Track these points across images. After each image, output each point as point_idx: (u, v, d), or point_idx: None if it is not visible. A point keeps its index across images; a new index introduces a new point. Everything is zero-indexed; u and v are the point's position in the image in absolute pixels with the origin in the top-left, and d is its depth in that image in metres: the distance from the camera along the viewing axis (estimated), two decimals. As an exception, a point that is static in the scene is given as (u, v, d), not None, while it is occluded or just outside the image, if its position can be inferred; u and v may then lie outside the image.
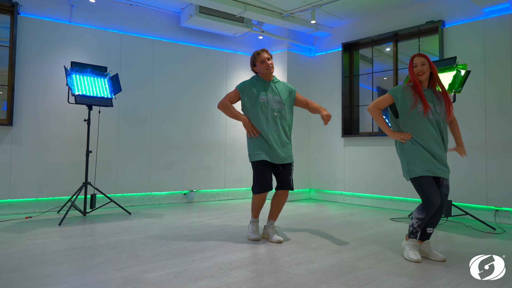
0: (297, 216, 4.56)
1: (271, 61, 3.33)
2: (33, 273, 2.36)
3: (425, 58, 2.79)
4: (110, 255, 2.77)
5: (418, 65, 2.78)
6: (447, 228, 3.88)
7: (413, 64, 2.81)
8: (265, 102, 3.25)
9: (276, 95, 3.31)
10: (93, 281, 2.23)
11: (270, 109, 3.25)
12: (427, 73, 2.79)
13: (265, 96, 3.26)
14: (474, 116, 4.46)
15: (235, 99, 3.33)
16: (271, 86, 3.33)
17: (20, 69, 4.47)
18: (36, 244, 3.07)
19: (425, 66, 2.78)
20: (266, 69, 3.28)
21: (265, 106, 3.24)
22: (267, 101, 3.26)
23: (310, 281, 2.27)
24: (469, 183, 4.45)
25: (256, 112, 3.24)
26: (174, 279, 2.29)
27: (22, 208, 4.44)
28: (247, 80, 3.38)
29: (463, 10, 4.61)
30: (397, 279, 2.34)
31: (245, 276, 2.35)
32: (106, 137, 4.91)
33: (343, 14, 5.52)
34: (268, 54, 3.34)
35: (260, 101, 3.25)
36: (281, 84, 3.42)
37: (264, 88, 3.30)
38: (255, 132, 3.23)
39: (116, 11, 5.13)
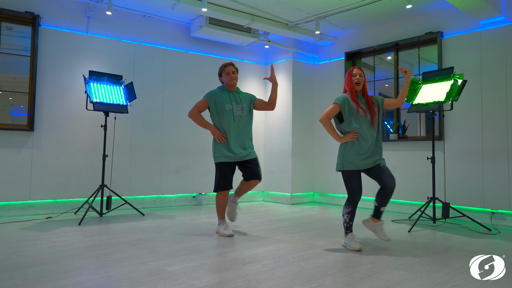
0: (302, 218, 4.79)
1: (235, 74, 3.74)
2: (65, 266, 2.59)
3: (362, 71, 3.32)
4: (132, 251, 3.00)
5: (357, 75, 3.28)
6: (445, 229, 4.10)
7: (352, 74, 3.30)
8: (230, 110, 3.68)
9: (239, 103, 3.72)
10: (121, 273, 2.46)
11: (234, 116, 3.67)
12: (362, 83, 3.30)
13: (230, 104, 3.68)
14: (471, 122, 4.69)
15: (203, 107, 3.75)
16: (235, 96, 3.74)
17: (41, 77, 4.74)
18: (61, 241, 3.31)
19: (362, 77, 3.28)
20: (230, 80, 3.71)
21: (230, 113, 3.67)
22: (232, 109, 3.68)
23: (317, 273, 2.50)
24: (466, 187, 4.67)
25: (222, 118, 3.66)
26: (193, 271, 2.52)
27: (42, 209, 4.69)
28: (214, 90, 3.80)
29: (460, 22, 4.86)
30: (397, 272, 2.56)
31: (258, 269, 2.58)
32: (120, 142, 5.16)
33: (346, 25, 5.77)
34: (234, 67, 3.76)
35: (225, 109, 3.67)
36: (243, 94, 3.83)
37: (229, 97, 3.71)
38: (223, 138, 3.63)
39: (130, 22, 5.40)
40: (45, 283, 2.25)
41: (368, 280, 2.38)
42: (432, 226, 4.25)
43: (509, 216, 4.35)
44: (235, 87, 3.78)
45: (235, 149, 3.65)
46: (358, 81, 3.26)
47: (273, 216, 4.89)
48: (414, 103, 4.40)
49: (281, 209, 5.54)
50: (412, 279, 2.43)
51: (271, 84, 3.92)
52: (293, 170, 6.14)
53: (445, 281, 2.38)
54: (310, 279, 2.39)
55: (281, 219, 4.70)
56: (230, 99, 3.70)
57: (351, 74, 3.30)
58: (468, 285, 2.32)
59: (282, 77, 6.39)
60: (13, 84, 5.03)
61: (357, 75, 3.27)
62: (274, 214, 5.06)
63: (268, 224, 4.33)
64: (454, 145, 4.82)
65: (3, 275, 2.38)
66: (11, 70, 4.96)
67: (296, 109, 6.23)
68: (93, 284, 2.24)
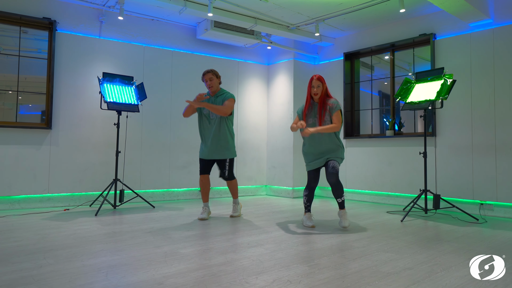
0: (302, 210, 5.09)
1: (212, 81, 4.25)
2: (89, 249, 2.92)
3: (320, 82, 3.80)
4: (147, 237, 3.33)
5: (315, 87, 3.79)
6: (436, 219, 4.40)
7: (311, 85, 3.83)
8: (207, 113, 4.27)
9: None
10: (140, 254, 2.78)
11: (210, 119, 4.26)
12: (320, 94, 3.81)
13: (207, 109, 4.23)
14: (461, 119, 4.98)
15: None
16: (212, 100, 4.30)
17: (57, 79, 5.06)
18: (82, 229, 3.64)
19: (320, 88, 3.78)
20: (207, 87, 4.30)
21: (207, 117, 4.28)
22: (208, 113, 4.25)
23: (313, 255, 2.81)
24: (457, 180, 4.97)
25: (200, 122, 4.33)
26: (204, 253, 2.84)
27: (59, 201, 5.02)
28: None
29: (452, 24, 5.13)
30: (385, 254, 2.87)
31: (261, 252, 2.89)
32: (131, 139, 5.49)
33: (345, 27, 6.06)
34: (211, 75, 4.26)
35: (204, 113, 4.29)
36: (221, 97, 4.30)
37: (207, 102, 4.25)
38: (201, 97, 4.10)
39: (139, 26, 5.71)
40: (75, 262, 2.57)
41: (359, 260, 2.69)
42: (424, 216, 4.55)
43: (496, 207, 4.65)
44: (213, 92, 4.30)
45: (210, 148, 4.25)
46: (316, 93, 3.79)
47: (275, 208, 5.20)
48: (408, 101, 4.69)
49: (283, 202, 5.85)
50: (398, 259, 2.73)
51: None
52: (294, 165, 6.45)
53: (427, 261, 2.69)
54: (307, 260, 2.70)
55: (282, 210, 5.01)
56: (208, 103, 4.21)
57: (310, 84, 3.83)
58: (446, 264, 2.62)
59: (284, 76, 6.69)
60: (23, 84, 5.33)
61: (315, 86, 3.79)
62: (276, 207, 5.38)
63: (270, 215, 4.64)
64: (446, 140, 5.11)
65: (36, 256, 2.71)
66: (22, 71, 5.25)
67: (297, 107, 6.53)
68: (117, 263, 2.56)
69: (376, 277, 2.33)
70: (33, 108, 5.43)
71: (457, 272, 2.45)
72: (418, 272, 2.44)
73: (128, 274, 2.34)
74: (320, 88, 3.76)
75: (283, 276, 2.31)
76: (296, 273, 2.38)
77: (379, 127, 6.97)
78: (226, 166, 4.31)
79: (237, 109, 6.60)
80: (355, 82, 6.48)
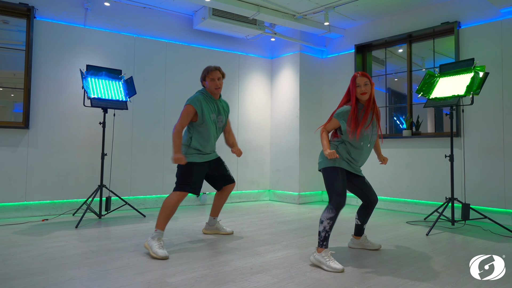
0: (311, 219, 4.54)
1: (221, 81, 3.33)
2: (56, 277, 2.37)
3: (367, 78, 2.79)
4: (130, 259, 2.77)
5: (361, 85, 2.78)
6: (465, 232, 3.84)
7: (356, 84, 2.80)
8: (214, 120, 3.32)
9: (220, 115, 3.38)
10: (116, 286, 2.23)
11: (217, 128, 3.37)
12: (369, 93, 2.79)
13: (214, 114, 3.32)
14: (491, 118, 4.42)
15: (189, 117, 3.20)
16: (218, 106, 3.37)
17: (36, 72, 4.51)
18: (55, 247, 3.09)
19: (368, 86, 2.78)
20: (215, 87, 3.29)
21: (213, 124, 3.30)
22: (215, 120, 3.34)
23: (334, 284, 2.26)
24: (486, 186, 4.40)
25: (204, 128, 3.24)
26: (196, 283, 2.28)
27: (38, 210, 4.47)
28: (196, 95, 3.28)
29: (479, 11, 4.56)
30: (422, 284, 2.31)
31: (268, 281, 2.34)
32: (120, 139, 4.93)
33: (357, 16, 5.49)
34: (220, 73, 3.33)
35: (211, 119, 3.28)
36: (225, 104, 3.49)
37: (213, 106, 3.33)
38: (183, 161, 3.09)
39: (129, 14, 5.15)
40: (31, 298, 2.02)
41: (391, 295, 2.14)
42: (451, 229, 3.99)
43: (533, 218, 4.08)
44: (218, 95, 3.38)
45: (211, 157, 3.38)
46: (364, 91, 2.79)
47: (280, 218, 4.65)
48: (431, 97, 4.12)
49: (289, 209, 5.29)
50: (439, 293, 2.18)
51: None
52: (300, 168, 5.89)
53: (476, 296, 2.14)
54: (325, 293, 2.14)
55: (289, 220, 4.45)
56: (214, 109, 3.32)
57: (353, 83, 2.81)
58: (503, 301, 2.07)
59: (289, 71, 6.13)
60: (13, 81, 4.83)
61: (362, 85, 2.79)
62: (281, 215, 4.82)
63: (275, 226, 4.09)
64: (473, 142, 4.55)
65: (-13, 288, 2.17)
66: (10, 66, 4.76)
67: (303, 105, 5.96)
68: (84, 300, 2.01)
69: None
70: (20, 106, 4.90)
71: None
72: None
73: (94, 320, 1.78)
74: (369, 86, 2.77)
75: (298, 324, 1.76)
76: (315, 318, 1.82)
77: (389, 126, 6.42)
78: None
79: (237, 106, 6.04)
80: (367, 77, 5.90)
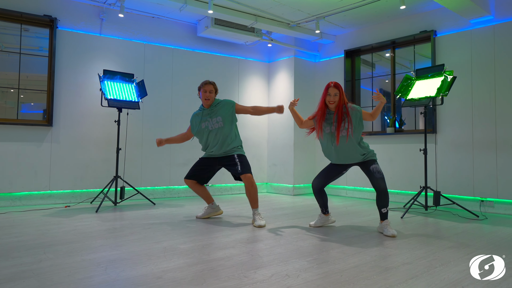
0: (302, 207, 5.10)
1: (212, 94, 3.98)
2: (89, 244, 2.93)
3: (338, 90, 3.44)
4: (147, 233, 3.34)
5: (332, 95, 3.44)
6: (436, 216, 4.40)
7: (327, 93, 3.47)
8: (206, 127, 4.00)
9: (214, 117, 3.99)
10: (139, 250, 2.79)
11: (210, 131, 3.99)
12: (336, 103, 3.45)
13: (205, 121, 4.00)
14: (462, 116, 4.97)
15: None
16: (209, 111, 4.01)
17: (58, 76, 5.08)
18: (83, 225, 3.65)
19: (337, 96, 3.43)
20: (204, 99, 3.99)
21: (206, 130, 4.01)
22: (207, 125, 4.00)
23: (312, 250, 2.82)
24: (457, 176, 4.96)
25: (200, 136, 4.08)
26: (203, 248, 2.85)
27: (61, 198, 5.04)
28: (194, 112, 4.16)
29: (453, 21, 5.12)
30: (384, 249, 2.87)
31: (260, 247, 2.90)
32: (132, 136, 5.50)
33: (345, 24, 6.05)
34: (212, 87, 4.01)
35: (202, 128, 4.02)
36: (221, 104, 4.04)
37: (204, 114, 4.03)
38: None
39: (140, 24, 5.72)
40: (75, 256, 2.58)
41: (358, 255, 2.69)
42: (424, 213, 4.55)
43: (497, 204, 4.64)
44: (208, 105, 4.01)
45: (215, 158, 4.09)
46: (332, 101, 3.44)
47: (275, 205, 5.21)
48: (408, 98, 4.68)
49: (284, 200, 5.86)
50: (397, 254, 2.74)
51: None
52: (295, 162, 6.45)
53: (426, 256, 2.69)
54: (306, 255, 2.70)
55: (283, 207, 5.02)
56: (205, 116, 4.00)
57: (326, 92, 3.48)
58: (445, 259, 2.62)
59: (284, 74, 6.69)
60: (25, 83, 5.34)
61: (332, 94, 3.44)
62: (276, 204, 5.38)
63: (271, 212, 4.65)
64: (446, 137, 5.11)
65: (36, 251, 2.73)
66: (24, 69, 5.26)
67: (298, 105, 6.51)
68: (116, 258, 2.57)
69: (374, 271, 2.33)
70: (35, 107, 5.45)
71: (456, 267, 2.45)
72: (416, 267, 2.44)
73: (127, 268, 2.35)
74: (337, 97, 3.45)
75: (282, 271, 2.32)
76: (295, 268, 2.38)
77: (380, 124, 6.96)
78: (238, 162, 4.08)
79: (237, 106, 6.60)
80: (355, 79, 6.47)
